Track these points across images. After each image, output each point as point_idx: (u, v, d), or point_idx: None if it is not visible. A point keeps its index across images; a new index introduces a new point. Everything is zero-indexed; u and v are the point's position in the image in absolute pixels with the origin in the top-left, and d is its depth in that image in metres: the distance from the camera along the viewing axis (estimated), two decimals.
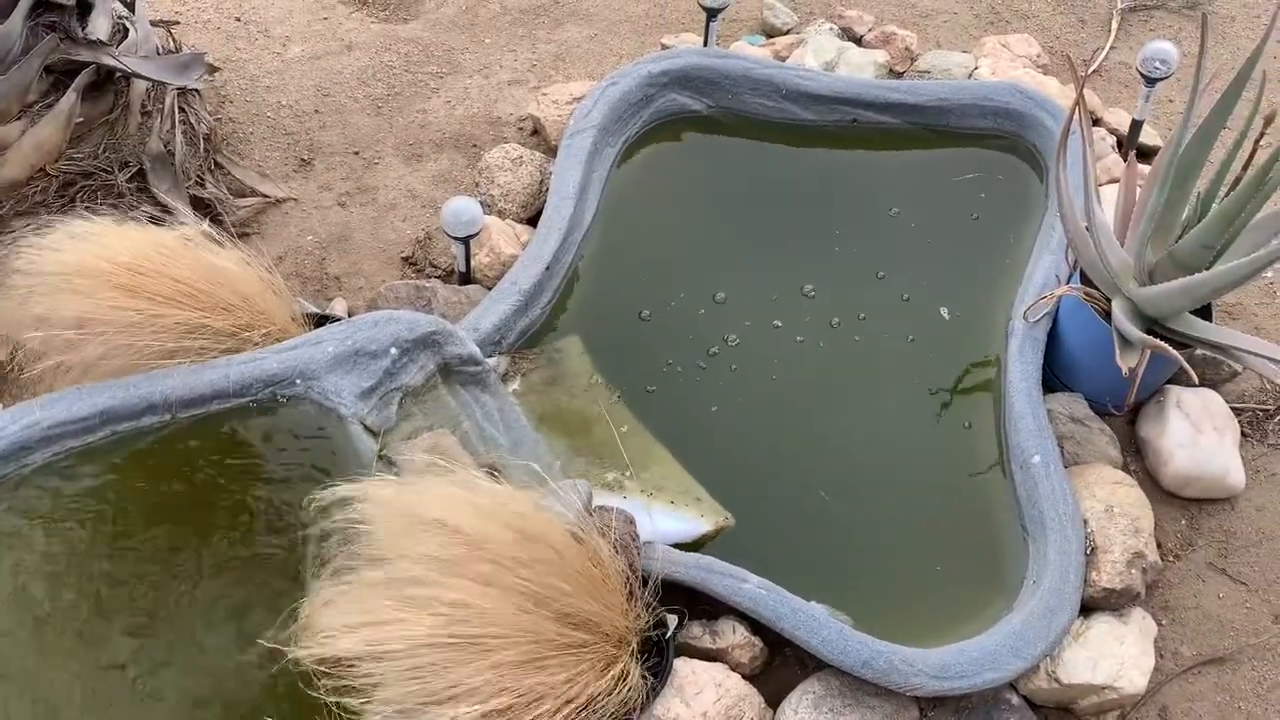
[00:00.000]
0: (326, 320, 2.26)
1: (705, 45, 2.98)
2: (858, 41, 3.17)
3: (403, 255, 2.69)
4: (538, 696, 1.71)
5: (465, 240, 2.40)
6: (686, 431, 2.30)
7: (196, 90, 2.77)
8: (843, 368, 2.43)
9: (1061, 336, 2.38)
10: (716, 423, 2.34)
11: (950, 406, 2.38)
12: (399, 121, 3.01)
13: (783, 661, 2.07)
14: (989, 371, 2.42)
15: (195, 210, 2.61)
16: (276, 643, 1.76)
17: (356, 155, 2.93)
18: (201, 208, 2.66)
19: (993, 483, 2.26)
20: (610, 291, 2.55)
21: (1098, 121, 2.96)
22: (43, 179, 2.45)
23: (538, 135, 2.93)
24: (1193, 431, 2.29)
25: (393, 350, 2.09)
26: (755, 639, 2.01)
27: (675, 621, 1.94)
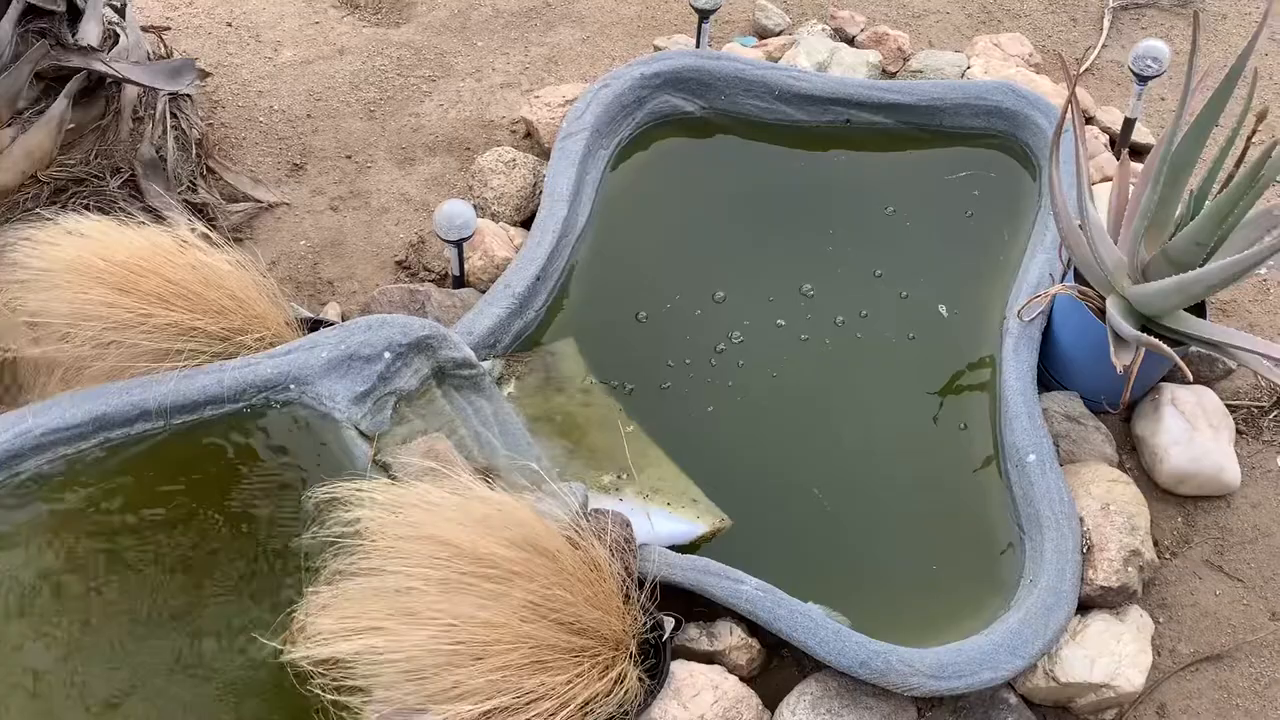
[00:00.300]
0: (320, 325, 2.26)
1: (697, 47, 2.98)
2: (850, 42, 3.17)
3: (396, 259, 2.69)
4: (538, 697, 1.71)
5: (458, 243, 2.40)
6: (684, 432, 2.30)
7: (188, 95, 2.77)
8: (841, 367, 2.43)
9: (1056, 335, 2.38)
10: (713, 423, 2.33)
11: (946, 405, 2.38)
12: (391, 125, 3.01)
13: (780, 663, 2.06)
14: (984, 370, 2.42)
15: (188, 216, 2.60)
16: (273, 645, 1.75)
17: (349, 159, 2.92)
18: (194, 213, 2.64)
19: (989, 481, 2.26)
20: (605, 294, 2.55)
21: (1090, 120, 2.96)
22: (34, 186, 2.44)
23: (530, 138, 2.93)
24: (1188, 429, 2.29)
25: (386, 354, 2.08)
26: (752, 640, 2.01)
27: (672, 624, 1.93)
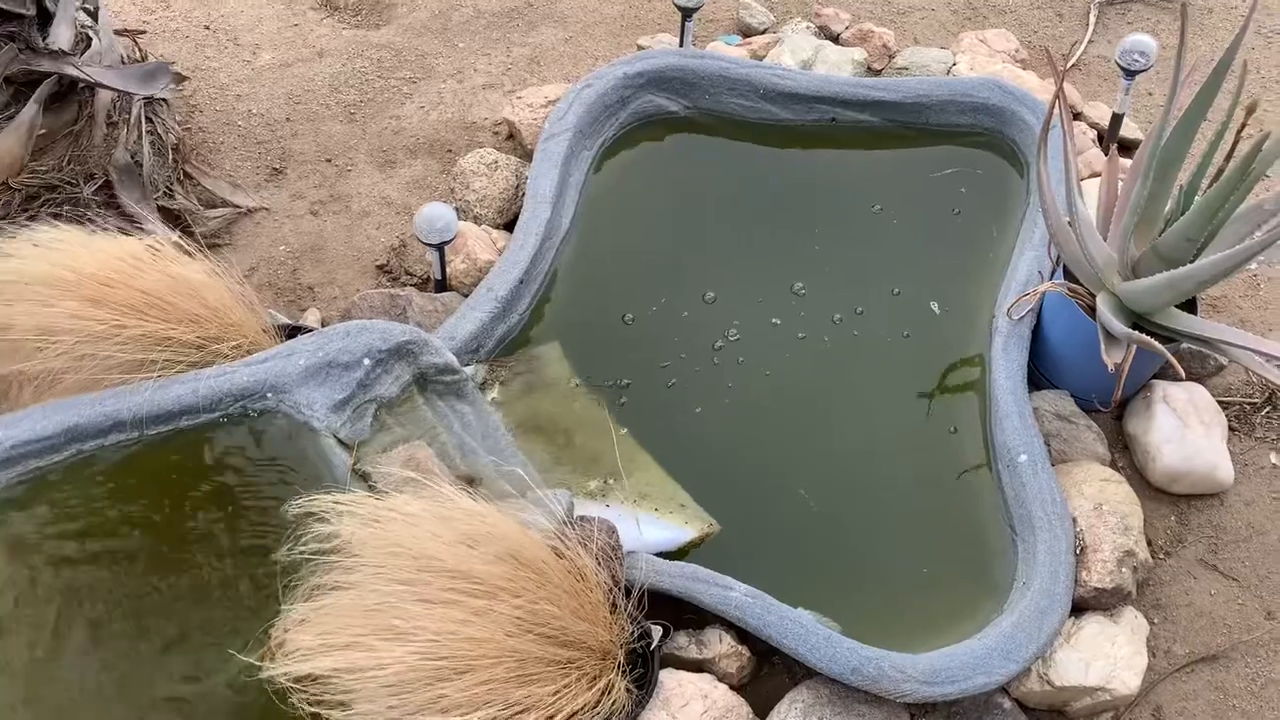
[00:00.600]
0: (299, 332, 2.22)
1: (681, 46, 2.95)
2: (835, 40, 3.14)
3: (377, 264, 2.65)
4: (523, 709, 1.67)
5: (440, 247, 2.36)
6: (672, 436, 2.26)
7: (164, 100, 2.72)
8: (830, 369, 2.40)
9: (1046, 333, 2.35)
10: (701, 426, 2.30)
11: (935, 406, 2.35)
12: (372, 128, 2.97)
13: (770, 670, 2.03)
14: (974, 369, 2.39)
15: (164, 222, 2.56)
16: (250, 661, 1.71)
17: (329, 163, 2.88)
18: (171, 219, 2.61)
19: (980, 482, 2.23)
20: (590, 296, 2.51)
21: (1077, 116, 2.94)
22: (4, 193, 2.40)
23: (513, 139, 2.89)
24: (1180, 427, 2.27)
25: (366, 361, 2.04)
26: (742, 648, 1.98)
27: (660, 633, 1.90)
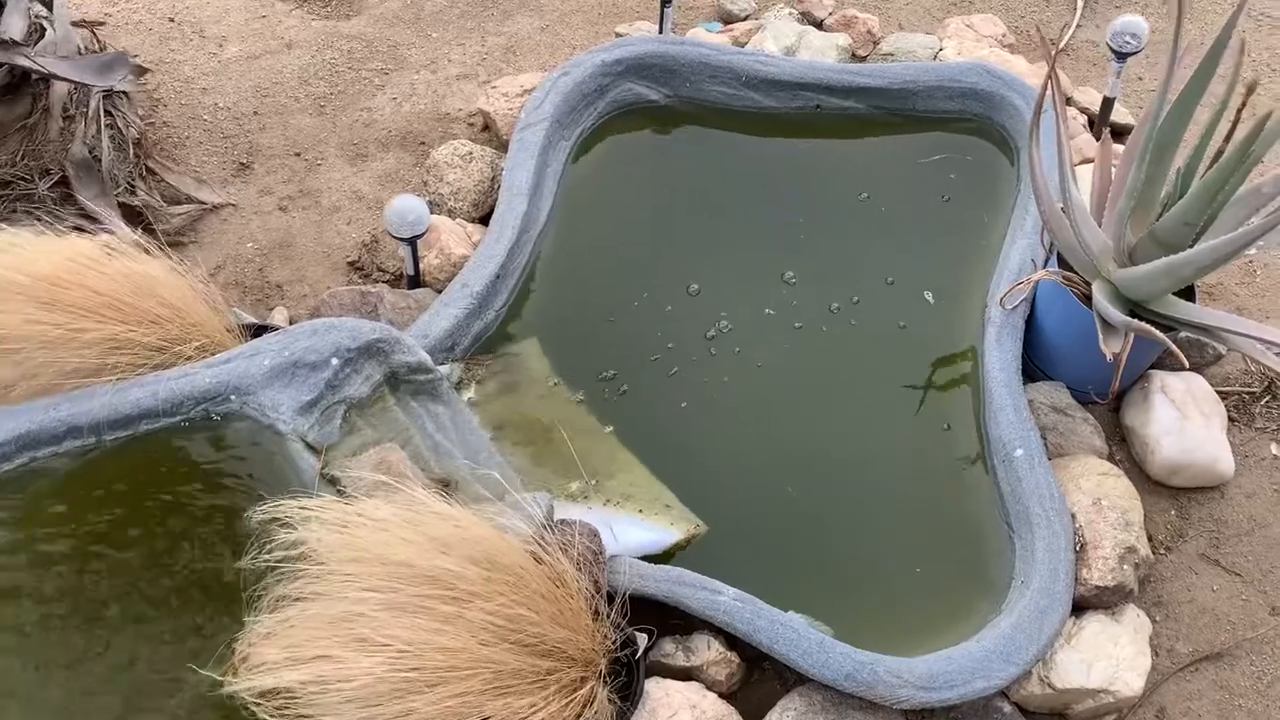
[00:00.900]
0: (265, 331, 2.12)
1: (660, 33, 2.87)
2: (818, 26, 3.07)
3: (348, 260, 2.56)
4: None
5: (411, 241, 2.27)
6: (656, 435, 2.18)
7: (124, 93, 2.62)
8: (819, 361, 2.33)
9: (1040, 323, 2.28)
10: (687, 423, 2.22)
11: (926, 399, 2.27)
12: (342, 121, 2.88)
13: (761, 676, 1.95)
14: (966, 361, 2.32)
15: (126, 219, 2.46)
16: (214, 676, 1.62)
17: (298, 157, 2.79)
18: (133, 216, 2.51)
19: (974, 478, 2.16)
20: (570, 291, 2.43)
21: (1068, 101, 2.87)
22: None
23: (488, 130, 2.80)
24: (1179, 418, 2.20)
25: (334, 361, 1.95)
26: (731, 654, 1.90)
27: (645, 640, 1.82)
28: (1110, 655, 1.89)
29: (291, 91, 2.95)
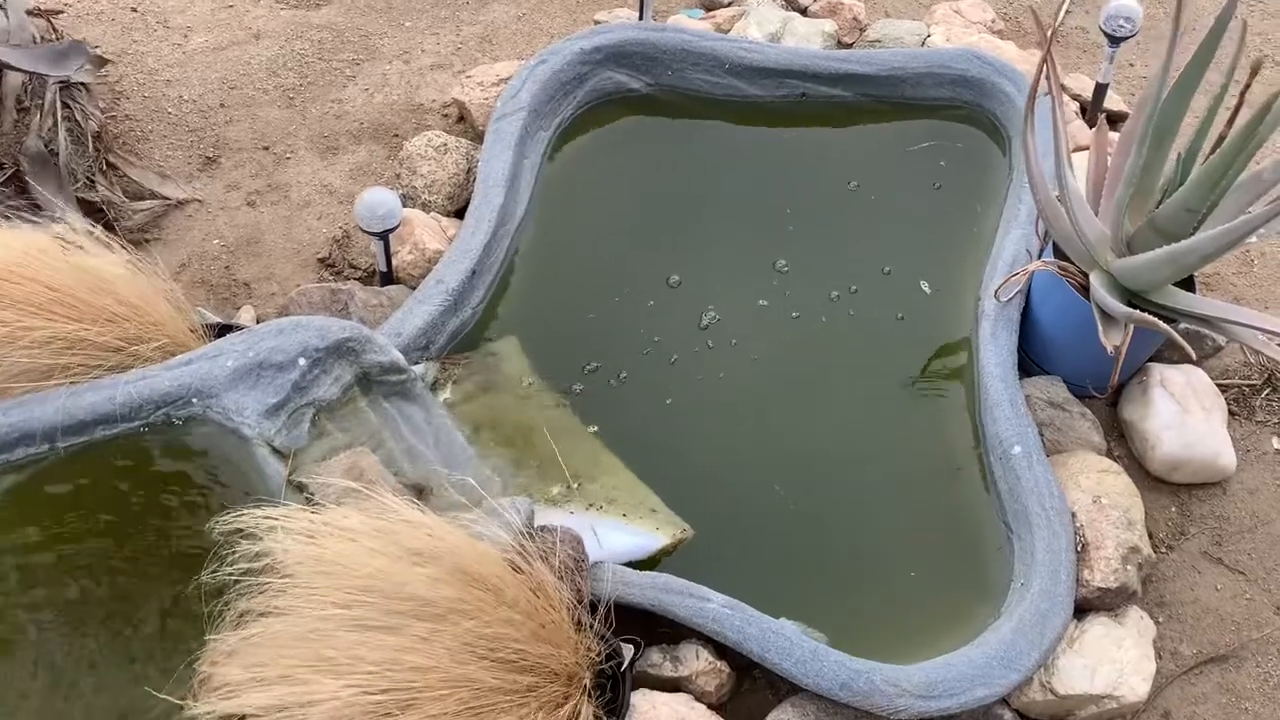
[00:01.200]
0: (229, 331, 2.03)
1: (641, 20, 2.78)
2: (802, 12, 2.99)
3: (319, 256, 2.46)
4: None
5: (383, 236, 2.18)
6: (640, 435, 2.10)
7: (83, 84, 2.52)
8: (809, 355, 2.25)
9: (1036, 315, 2.21)
10: (672, 423, 2.13)
11: (919, 396, 2.20)
12: (312, 113, 2.78)
13: (752, 686, 1.88)
14: (959, 355, 2.25)
15: (85, 215, 2.35)
16: (174, 698, 1.53)
17: (266, 151, 2.69)
18: (92, 212, 2.41)
19: (971, 477, 2.09)
20: (549, 287, 2.34)
21: (1060, 88, 2.80)
22: None
23: (464, 121, 2.71)
24: (1179, 412, 2.13)
25: (301, 361, 1.86)
26: (721, 663, 1.82)
27: (631, 651, 1.73)
28: (1114, 659, 1.82)
29: (259, 83, 2.85)
